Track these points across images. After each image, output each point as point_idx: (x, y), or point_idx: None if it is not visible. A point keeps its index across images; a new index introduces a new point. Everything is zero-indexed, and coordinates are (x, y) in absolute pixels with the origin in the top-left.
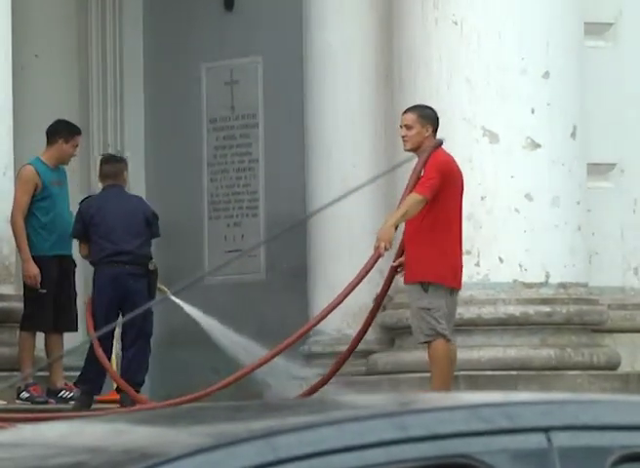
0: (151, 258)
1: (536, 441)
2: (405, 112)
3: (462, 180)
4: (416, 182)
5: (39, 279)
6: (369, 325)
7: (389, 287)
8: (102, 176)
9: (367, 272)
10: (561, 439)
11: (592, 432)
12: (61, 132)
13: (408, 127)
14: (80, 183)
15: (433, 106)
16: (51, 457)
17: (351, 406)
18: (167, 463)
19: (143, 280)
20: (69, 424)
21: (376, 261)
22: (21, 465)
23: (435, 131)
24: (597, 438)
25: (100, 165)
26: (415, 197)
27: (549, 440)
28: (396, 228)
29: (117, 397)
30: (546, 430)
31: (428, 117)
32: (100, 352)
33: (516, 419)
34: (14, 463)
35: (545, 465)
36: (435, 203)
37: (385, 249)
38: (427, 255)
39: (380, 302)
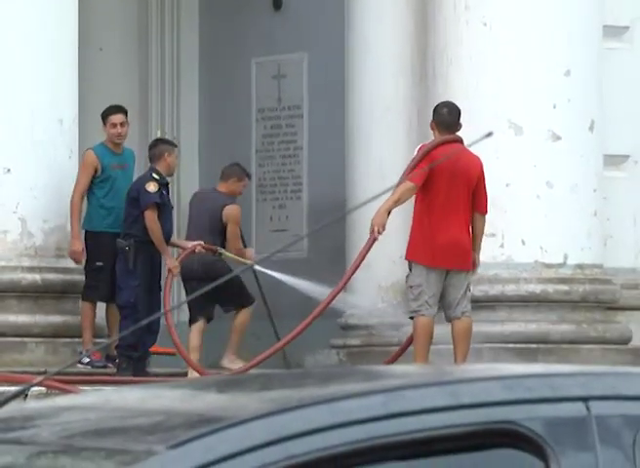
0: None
1: (575, 409)
2: None
3: (465, 174)
4: (411, 171)
5: (82, 257)
6: None
7: None
8: None
9: (363, 257)
10: (599, 408)
11: (628, 402)
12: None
13: None
14: (138, 167)
15: (463, 101)
16: (128, 419)
17: (408, 374)
18: (237, 425)
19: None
20: (144, 389)
21: (371, 245)
22: (99, 426)
23: (440, 125)
24: (633, 407)
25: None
26: (406, 184)
27: (588, 408)
28: (389, 213)
29: (171, 351)
30: (586, 399)
31: (433, 112)
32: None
33: (558, 389)
34: (91, 424)
35: (584, 432)
36: (421, 190)
37: (379, 232)
38: (412, 236)
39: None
